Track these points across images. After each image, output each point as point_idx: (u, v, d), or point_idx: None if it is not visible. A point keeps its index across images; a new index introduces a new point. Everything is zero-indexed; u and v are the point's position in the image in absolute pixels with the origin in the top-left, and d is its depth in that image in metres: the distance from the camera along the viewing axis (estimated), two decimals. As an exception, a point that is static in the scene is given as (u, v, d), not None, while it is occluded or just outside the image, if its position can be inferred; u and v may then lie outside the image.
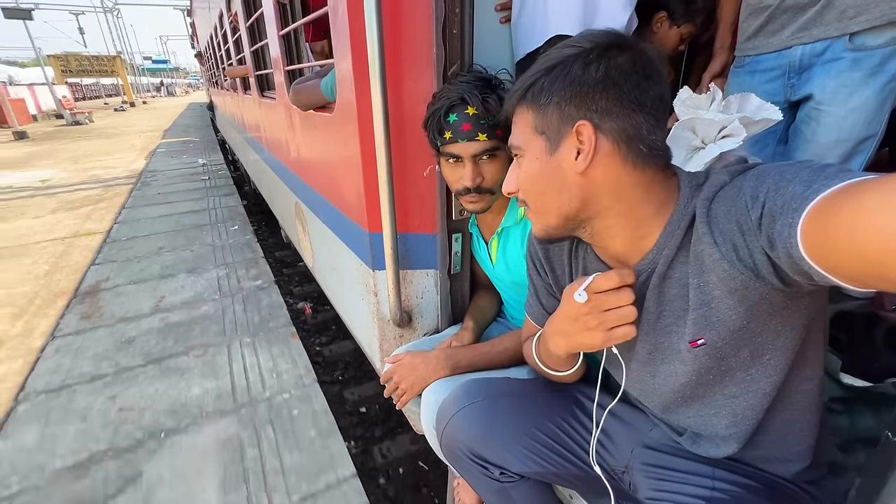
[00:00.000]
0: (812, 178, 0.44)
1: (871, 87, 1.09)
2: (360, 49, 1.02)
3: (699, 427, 0.71)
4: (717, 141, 1.03)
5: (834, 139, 1.16)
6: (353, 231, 1.39)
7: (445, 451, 0.92)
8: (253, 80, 2.85)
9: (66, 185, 5.95)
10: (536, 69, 0.62)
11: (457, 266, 1.28)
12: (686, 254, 0.60)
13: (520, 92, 0.64)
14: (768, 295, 0.54)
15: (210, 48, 6.04)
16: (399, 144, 1.11)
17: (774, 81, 1.24)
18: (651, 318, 0.66)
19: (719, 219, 0.55)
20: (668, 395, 0.71)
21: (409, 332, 1.38)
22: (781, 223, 0.45)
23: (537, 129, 0.63)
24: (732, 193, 0.55)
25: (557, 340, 0.72)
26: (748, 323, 0.57)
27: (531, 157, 0.65)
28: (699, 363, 0.63)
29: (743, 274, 0.53)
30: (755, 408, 0.64)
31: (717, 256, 0.55)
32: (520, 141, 0.66)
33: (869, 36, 1.06)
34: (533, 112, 0.63)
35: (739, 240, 0.52)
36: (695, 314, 0.60)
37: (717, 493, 0.67)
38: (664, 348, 0.67)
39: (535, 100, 0.62)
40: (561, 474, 0.85)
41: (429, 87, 1.05)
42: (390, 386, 1.11)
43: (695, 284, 0.59)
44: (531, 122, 0.64)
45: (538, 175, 0.64)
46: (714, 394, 0.66)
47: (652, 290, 0.64)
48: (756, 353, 0.60)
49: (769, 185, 0.49)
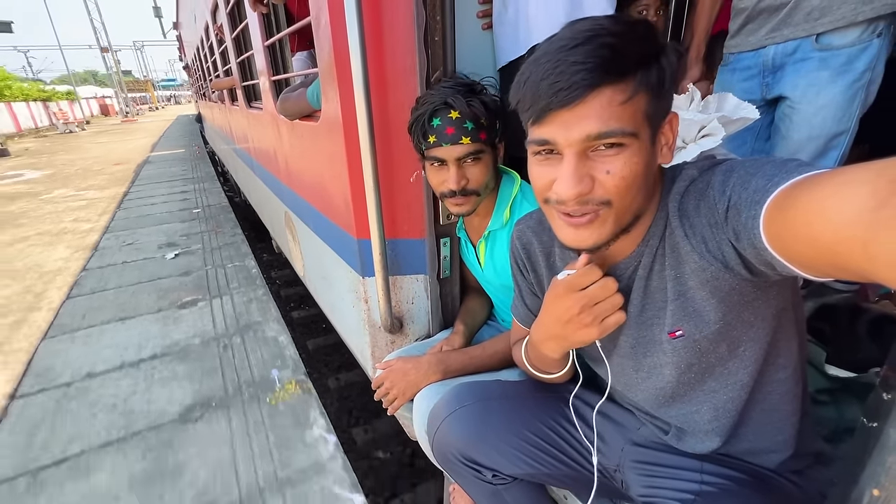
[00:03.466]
0: (774, 172, 0.46)
1: (839, 84, 1.13)
2: (343, 58, 1.03)
3: (683, 423, 0.72)
4: (698, 140, 1.06)
5: (806, 136, 1.20)
6: (341, 238, 1.40)
7: (437, 456, 0.91)
8: (240, 92, 2.86)
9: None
10: (627, 38, 0.50)
11: (446, 270, 1.28)
12: (663, 247, 0.61)
13: (644, 68, 0.51)
14: (738, 286, 0.55)
15: (197, 60, 6.03)
16: (385, 151, 1.12)
17: (751, 80, 1.27)
18: (635, 311, 0.67)
19: (689, 212, 0.57)
20: (651, 391, 0.71)
21: (400, 338, 1.38)
22: (745, 215, 0.47)
23: (648, 116, 0.53)
24: (701, 188, 0.56)
25: (551, 345, 0.72)
26: (723, 315, 0.58)
27: (639, 149, 0.54)
28: (678, 356, 0.64)
29: (713, 265, 0.54)
30: (735, 400, 0.66)
31: (688, 249, 0.56)
32: (636, 127, 0.52)
33: (834, 36, 1.10)
34: (648, 97, 0.52)
35: (708, 232, 0.54)
36: (673, 305, 0.62)
37: (706, 487, 0.68)
38: (647, 341, 0.68)
39: (657, 83, 0.52)
40: (553, 475, 0.85)
41: (413, 93, 1.06)
42: (381, 391, 1.11)
43: (672, 276, 0.61)
44: (644, 107, 0.52)
45: (645, 170, 0.55)
46: (695, 391, 0.68)
47: (638, 283, 0.65)
48: (732, 346, 0.61)
49: (735, 179, 0.50)
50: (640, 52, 0.51)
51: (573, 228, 0.58)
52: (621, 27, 0.51)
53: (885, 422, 0.43)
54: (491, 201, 1.09)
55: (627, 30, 0.51)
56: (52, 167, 8.70)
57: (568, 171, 0.53)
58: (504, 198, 1.08)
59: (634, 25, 0.52)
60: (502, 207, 1.08)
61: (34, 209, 5.16)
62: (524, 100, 0.54)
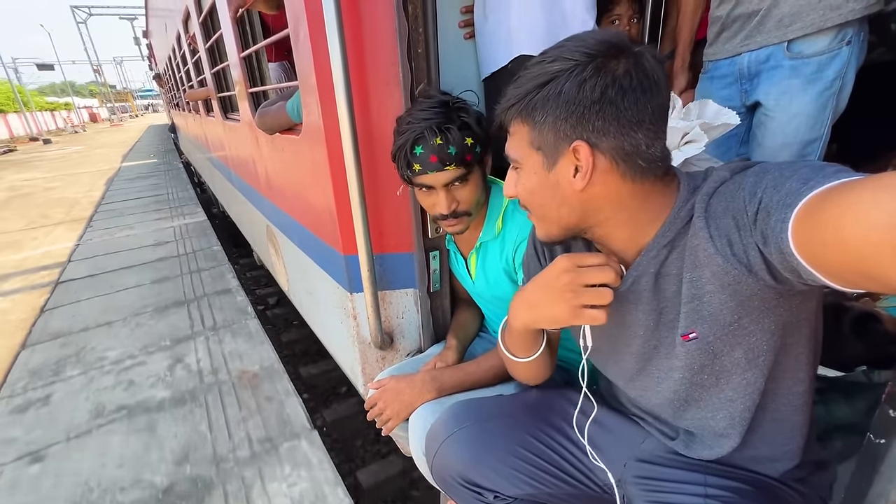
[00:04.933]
0: (810, 176, 0.44)
1: (810, 93, 1.15)
2: (324, 70, 1.00)
3: (695, 429, 0.71)
4: (681, 147, 1.06)
5: (780, 143, 1.23)
6: (327, 254, 1.36)
7: (437, 479, 0.89)
8: (215, 103, 2.79)
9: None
10: (528, 83, 0.58)
11: (436, 284, 1.26)
12: (681, 250, 0.60)
13: (515, 106, 0.60)
14: (760, 292, 0.54)
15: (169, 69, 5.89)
16: (370, 164, 1.09)
17: (730, 87, 1.29)
18: (654, 315, 0.66)
19: (717, 213, 0.55)
20: (664, 395, 0.70)
21: (391, 354, 1.35)
22: (775, 218, 0.45)
23: (533, 145, 0.61)
24: (732, 189, 0.54)
25: (520, 312, 0.70)
26: (739, 318, 0.57)
27: (529, 172, 0.63)
28: (691, 358, 0.63)
29: (736, 269, 0.52)
30: (751, 409, 0.65)
31: (711, 251, 0.54)
32: (517, 154, 0.64)
33: (805, 44, 1.13)
34: (528, 128, 0.60)
35: (735, 235, 0.52)
36: (686, 308, 0.60)
37: (711, 500, 0.68)
38: (664, 344, 0.67)
39: (530, 116, 0.59)
40: (555, 494, 0.84)
41: (397, 105, 1.04)
42: (374, 412, 1.08)
43: (688, 279, 0.59)
44: (527, 137, 0.61)
45: (537, 189, 0.63)
46: (711, 397, 0.66)
47: (650, 289, 0.64)
48: (751, 356, 0.60)
49: (768, 181, 0.49)
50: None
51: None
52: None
53: (893, 438, 0.43)
54: (481, 213, 1.07)
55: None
56: (82, 145, 16.59)
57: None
58: (494, 209, 1.07)
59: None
60: (493, 219, 1.07)
61: (89, 157, 11.82)
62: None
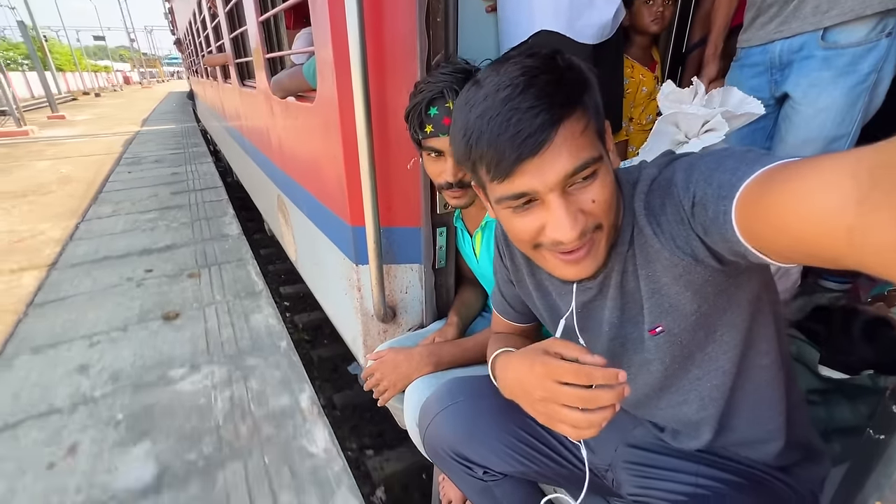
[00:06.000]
0: (736, 165, 0.46)
1: (841, 87, 1.09)
2: (340, 38, 0.99)
3: (672, 417, 0.72)
4: (700, 135, 1.03)
5: (802, 138, 1.17)
6: (335, 224, 1.37)
7: (428, 451, 0.91)
8: (233, 69, 2.78)
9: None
10: (555, 72, 0.52)
11: (441, 261, 1.26)
12: (635, 248, 0.61)
13: (584, 94, 0.53)
14: (711, 277, 0.56)
15: (189, 35, 5.86)
16: (382, 136, 1.08)
17: (760, 77, 1.24)
18: (617, 312, 0.67)
19: (656, 210, 0.57)
20: (640, 388, 0.71)
21: (393, 328, 1.36)
22: (713, 210, 0.47)
23: (599, 135, 0.55)
24: (664, 185, 0.56)
25: (505, 388, 0.67)
26: (699, 306, 0.59)
27: (606, 168, 0.55)
28: (662, 351, 0.65)
29: (683, 260, 0.55)
30: (719, 388, 0.66)
31: (658, 247, 0.57)
32: (594, 151, 0.53)
33: (841, 34, 1.07)
34: (594, 118, 0.54)
35: (676, 228, 0.55)
36: (648, 303, 0.62)
37: (700, 490, 0.68)
38: (632, 340, 0.68)
39: (595, 102, 0.54)
40: (544, 473, 0.85)
41: (412, 77, 1.03)
42: (371, 382, 1.09)
43: (644, 275, 0.61)
44: (595, 128, 0.54)
45: (615, 183, 0.56)
46: (680, 380, 0.68)
47: (615, 289, 0.65)
48: (709, 331, 0.62)
49: (697, 175, 0.50)
50: (576, 79, 0.53)
51: (573, 265, 0.58)
52: (548, 62, 0.52)
53: (892, 434, 0.42)
54: None
55: (553, 63, 0.52)
56: (124, 99, 21.73)
57: (561, 215, 0.53)
58: None
59: (554, 57, 0.53)
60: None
61: (133, 104, 18.07)
62: (483, 159, 0.53)
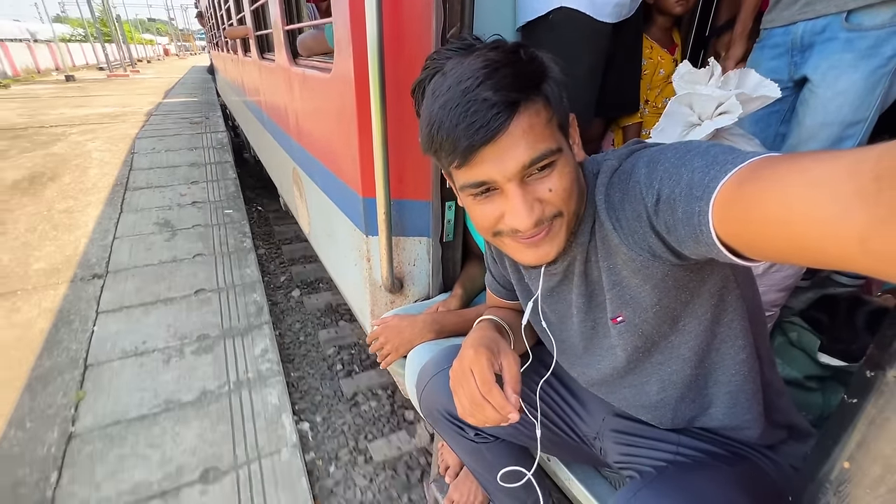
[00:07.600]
0: (707, 164, 0.44)
1: (861, 70, 1.07)
2: (357, 8, 1.00)
3: (635, 397, 0.74)
4: (714, 117, 1.02)
5: (819, 122, 1.15)
6: (347, 196, 1.40)
7: (424, 411, 0.95)
8: (253, 41, 2.79)
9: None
10: (527, 56, 0.55)
11: (449, 234, 1.29)
12: (596, 239, 0.62)
13: (542, 84, 0.55)
14: (669, 271, 0.56)
15: (211, 7, 5.87)
16: (395, 108, 1.10)
17: (779, 58, 1.22)
18: (584, 298, 0.68)
19: (616, 204, 0.57)
20: (605, 370, 0.73)
21: (400, 299, 1.40)
22: (684, 211, 0.45)
23: (560, 126, 0.57)
24: (624, 178, 0.56)
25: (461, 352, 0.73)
26: (659, 300, 0.59)
27: (565, 158, 0.56)
28: (624, 339, 0.66)
29: (641, 255, 0.55)
30: (679, 373, 0.67)
31: (616, 241, 0.57)
32: (552, 142, 0.55)
33: (866, 16, 1.04)
34: (554, 109, 0.56)
35: (635, 224, 0.54)
36: (610, 294, 0.63)
37: (681, 458, 0.71)
38: (601, 324, 0.69)
39: (555, 93, 0.56)
40: (532, 437, 0.88)
41: (427, 50, 1.03)
42: (375, 345, 1.14)
43: (605, 267, 0.62)
44: (556, 120, 0.56)
45: (575, 173, 0.57)
46: (644, 363, 0.70)
47: (579, 276, 0.66)
48: (672, 321, 0.63)
49: (662, 172, 0.50)
50: (535, 72, 0.55)
51: (532, 248, 0.60)
52: (510, 55, 0.54)
53: (865, 399, 0.44)
54: None
55: (515, 56, 0.54)
56: (164, 66, 25.45)
57: (518, 203, 0.55)
58: None
59: (517, 50, 0.55)
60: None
61: (175, 67, 24.01)
62: (443, 147, 0.55)
